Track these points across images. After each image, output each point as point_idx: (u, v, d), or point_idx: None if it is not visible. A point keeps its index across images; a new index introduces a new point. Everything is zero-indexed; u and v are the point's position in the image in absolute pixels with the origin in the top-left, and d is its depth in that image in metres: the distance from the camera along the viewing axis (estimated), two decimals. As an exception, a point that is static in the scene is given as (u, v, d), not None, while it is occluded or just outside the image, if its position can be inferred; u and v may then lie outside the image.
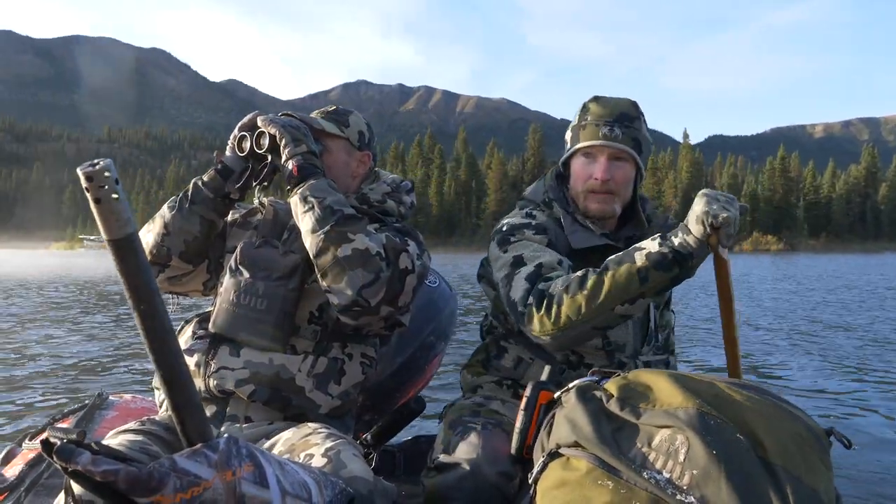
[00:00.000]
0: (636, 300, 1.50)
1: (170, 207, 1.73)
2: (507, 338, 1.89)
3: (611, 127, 1.78)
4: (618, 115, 1.79)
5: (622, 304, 1.50)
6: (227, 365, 1.60)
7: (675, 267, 1.47)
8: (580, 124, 1.82)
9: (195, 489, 0.90)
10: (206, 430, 0.97)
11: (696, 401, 1.18)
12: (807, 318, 10.41)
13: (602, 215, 1.83)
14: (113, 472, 0.85)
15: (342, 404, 1.67)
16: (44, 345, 7.14)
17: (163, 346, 0.90)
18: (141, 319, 0.88)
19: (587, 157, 1.81)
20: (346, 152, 1.80)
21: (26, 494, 1.74)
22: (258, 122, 1.66)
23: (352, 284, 1.50)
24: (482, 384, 1.90)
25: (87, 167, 0.82)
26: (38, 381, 5.13)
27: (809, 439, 1.17)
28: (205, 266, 1.78)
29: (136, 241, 0.86)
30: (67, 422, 2.14)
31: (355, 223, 1.55)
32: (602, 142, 1.78)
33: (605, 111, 1.79)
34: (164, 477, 0.88)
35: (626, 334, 1.80)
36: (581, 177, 1.82)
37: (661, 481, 1.09)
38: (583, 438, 1.21)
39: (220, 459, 0.94)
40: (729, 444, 1.11)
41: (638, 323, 1.83)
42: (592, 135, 1.79)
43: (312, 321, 1.67)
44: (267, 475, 0.98)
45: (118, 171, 0.82)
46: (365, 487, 1.26)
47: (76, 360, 6.22)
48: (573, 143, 1.84)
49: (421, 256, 1.63)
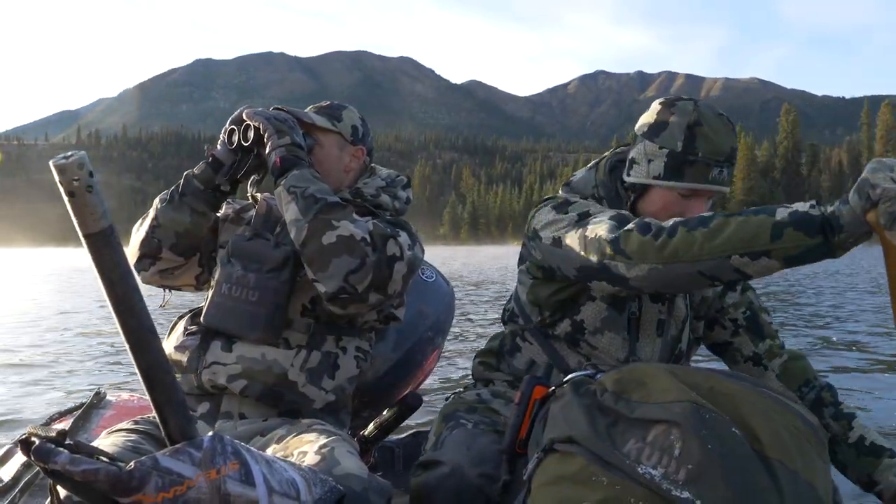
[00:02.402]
0: (759, 256, 1.26)
1: (161, 200, 1.73)
2: (524, 335, 1.79)
3: (721, 168, 1.57)
4: (729, 154, 1.57)
5: (742, 254, 1.27)
6: (219, 360, 1.59)
7: (817, 234, 1.21)
8: (686, 156, 1.56)
9: (178, 488, 0.89)
10: (190, 429, 0.95)
11: (690, 394, 1.17)
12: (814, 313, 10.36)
13: None
14: (93, 472, 0.84)
15: (336, 399, 1.66)
16: (42, 344, 7.15)
17: (141, 343, 0.88)
18: (119, 316, 0.87)
19: (685, 195, 1.59)
20: (338, 147, 1.79)
21: (21, 495, 1.74)
22: (244, 115, 1.65)
23: (338, 271, 1.49)
24: (495, 380, 1.85)
25: (60, 160, 0.80)
26: (36, 381, 5.13)
27: (806, 432, 1.16)
28: (196, 259, 1.77)
29: (112, 235, 0.85)
30: (64, 421, 2.14)
31: (339, 210, 1.53)
32: (711, 187, 1.57)
33: (717, 147, 1.56)
34: (145, 476, 0.87)
35: (651, 351, 1.70)
36: (667, 209, 1.61)
37: (656, 476, 1.08)
38: (577, 433, 1.20)
39: (203, 458, 0.93)
40: (724, 439, 1.10)
41: (668, 341, 1.73)
42: (701, 176, 1.56)
43: (305, 314, 1.66)
44: (253, 473, 0.96)
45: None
46: (359, 485, 1.25)
47: (75, 358, 6.22)
48: (673, 174, 1.58)
49: (413, 247, 1.61)
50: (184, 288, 1.83)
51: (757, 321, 1.79)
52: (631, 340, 1.68)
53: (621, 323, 1.67)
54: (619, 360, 1.67)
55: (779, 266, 1.27)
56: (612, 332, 1.67)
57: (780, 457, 1.09)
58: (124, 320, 0.87)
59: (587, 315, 1.68)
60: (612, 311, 1.67)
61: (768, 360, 1.76)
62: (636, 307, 1.68)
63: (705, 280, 1.34)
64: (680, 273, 1.34)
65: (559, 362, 1.72)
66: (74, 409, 2.21)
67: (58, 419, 2.19)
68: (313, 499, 1.05)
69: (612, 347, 1.68)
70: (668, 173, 1.58)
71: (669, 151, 1.57)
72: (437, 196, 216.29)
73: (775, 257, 1.25)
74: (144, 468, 0.87)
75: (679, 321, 1.75)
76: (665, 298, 1.71)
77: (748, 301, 1.81)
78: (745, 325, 1.78)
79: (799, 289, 14.78)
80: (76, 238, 0.84)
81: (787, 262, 1.26)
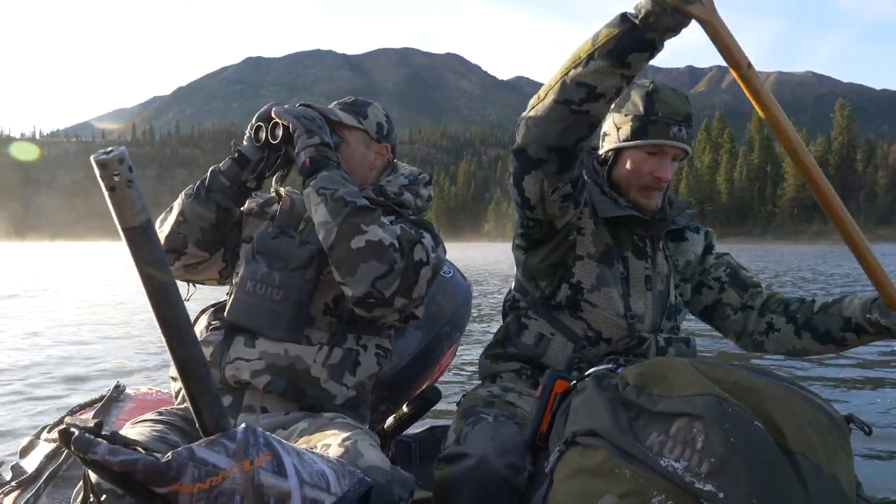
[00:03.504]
0: (588, 62, 1.44)
1: (187, 195, 1.74)
2: (528, 313, 1.88)
3: (680, 127, 1.75)
4: (685, 115, 1.76)
5: (575, 67, 1.46)
6: (242, 356, 1.61)
7: (623, 23, 1.40)
8: (648, 117, 1.75)
9: (213, 479, 0.90)
10: (223, 420, 0.97)
11: (713, 388, 1.18)
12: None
13: (648, 209, 1.84)
14: (131, 462, 0.86)
15: (357, 395, 1.67)
16: (62, 336, 7.20)
17: (178, 335, 0.90)
18: (156, 309, 0.88)
19: (651, 153, 1.78)
20: (363, 144, 1.79)
21: (45, 486, 1.75)
22: (273, 113, 1.66)
23: (365, 276, 1.50)
24: (501, 372, 1.89)
25: (101, 155, 0.82)
26: (55, 374, 5.17)
27: (829, 426, 1.16)
28: (220, 254, 1.79)
29: (151, 229, 0.86)
30: (85, 413, 2.15)
31: (368, 214, 1.54)
32: (673, 142, 1.75)
33: (674, 108, 1.75)
34: (182, 467, 0.88)
35: (643, 305, 1.82)
36: (640, 171, 1.80)
37: (678, 469, 1.09)
38: (599, 427, 1.21)
39: (238, 449, 0.94)
40: (747, 432, 1.10)
41: (658, 296, 1.85)
42: (663, 133, 1.75)
43: (328, 312, 1.67)
44: (285, 464, 0.98)
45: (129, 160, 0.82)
46: (382, 477, 1.26)
47: (93, 352, 6.27)
48: (639, 134, 1.77)
49: (436, 249, 1.62)
50: (207, 282, 1.84)
51: (738, 275, 1.98)
52: (624, 296, 1.81)
53: (614, 277, 1.81)
54: (618, 315, 1.78)
55: (607, 65, 1.43)
56: (608, 287, 1.79)
57: (804, 451, 1.09)
58: (161, 312, 0.88)
59: (582, 274, 1.81)
60: (603, 267, 1.81)
61: (752, 302, 1.93)
62: (623, 266, 1.83)
63: (563, 107, 1.50)
64: (542, 111, 1.54)
65: (565, 331, 1.81)
66: (95, 402, 2.22)
67: (78, 411, 2.20)
68: (343, 490, 1.06)
69: (611, 302, 1.79)
70: (633, 135, 1.78)
71: (633, 115, 1.77)
72: (482, 193, 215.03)
73: (599, 56, 1.42)
74: (181, 459, 0.89)
75: (663, 276, 1.89)
76: (647, 255, 1.86)
77: (726, 262, 2.00)
78: (728, 280, 1.97)
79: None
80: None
81: (609, 56, 1.42)
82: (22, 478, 1.82)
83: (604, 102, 1.49)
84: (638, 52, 1.41)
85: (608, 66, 1.43)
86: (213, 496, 0.91)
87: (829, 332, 1.77)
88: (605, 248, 1.82)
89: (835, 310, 1.77)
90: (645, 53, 1.42)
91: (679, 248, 1.98)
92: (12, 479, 1.85)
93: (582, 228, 1.83)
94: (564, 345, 1.80)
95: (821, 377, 5.05)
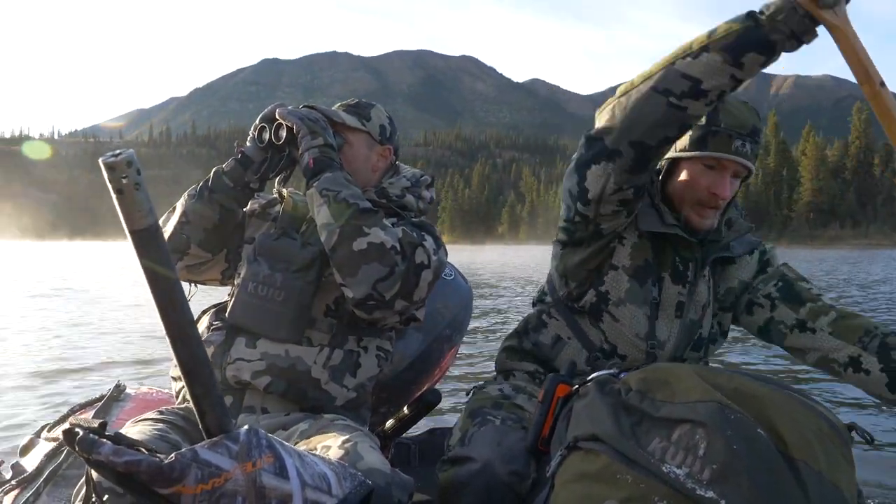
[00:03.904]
0: (699, 54, 1.36)
1: (189, 195, 1.74)
2: (550, 311, 1.85)
3: (744, 142, 1.63)
4: (751, 129, 1.64)
5: (684, 57, 1.38)
6: (243, 356, 1.61)
7: (748, 19, 1.32)
8: (710, 127, 1.64)
9: (216, 480, 0.91)
10: (226, 422, 0.97)
11: (715, 394, 1.18)
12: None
13: (702, 228, 1.73)
14: (135, 463, 0.86)
15: (357, 397, 1.67)
16: (61, 335, 7.20)
17: (183, 336, 0.90)
18: (161, 310, 0.88)
19: (710, 167, 1.67)
20: (366, 146, 1.79)
21: (45, 485, 1.75)
22: (276, 114, 1.66)
23: (367, 278, 1.50)
24: (515, 370, 1.88)
25: (109, 157, 0.82)
26: (55, 372, 5.18)
27: (831, 434, 1.16)
28: (223, 255, 1.79)
29: (158, 231, 0.86)
30: (86, 413, 2.16)
31: (371, 217, 1.54)
32: (734, 157, 1.63)
33: (739, 120, 1.64)
34: (185, 468, 0.89)
35: (668, 332, 1.74)
36: (696, 185, 1.68)
37: (680, 475, 1.08)
38: (601, 432, 1.21)
39: (240, 451, 0.94)
40: (749, 439, 1.10)
41: (687, 325, 1.76)
42: (724, 146, 1.63)
43: (328, 314, 1.68)
44: (287, 466, 0.98)
45: (138, 163, 0.82)
46: (382, 479, 1.26)
47: (93, 350, 6.27)
48: (698, 144, 1.66)
49: (437, 252, 1.63)
50: (209, 282, 1.85)
51: (792, 289, 1.77)
52: (651, 319, 1.73)
53: (643, 298, 1.73)
54: (638, 337, 1.72)
55: (720, 61, 1.35)
56: (634, 306, 1.73)
57: (805, 458, 1.09)
58: (166, 314, 0.89)
59: (611, 285, 1.74)
60: (634, 283, 1.73)
61: (813, 321, 1.70)
62: (657, 288, 1.74)
63: (661, 97, 1.42)
64: (635, 99, 1.45)
65: (582, 338, 1.78)
66: (95, 401, 2.23)
67: (79, 411, 2.20)
68: (344, 493, 1.06)
69: (633, 321, 1.72)
70: (692, 145, 1.67)
71: (695, 124, 1.61)
72: (496, 195, 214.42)
73: (713, 49, 1.35)
74: (185, 460, 0.89)
75: (699, 306, 1.78)
76: (686, 280, 1.75)
77: (780, 274, 1.80)
78: (780, 295, 1.76)
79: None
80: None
81: (725, 51, 1.34)
82: (22, 476, 1.82)
83: (704, 103, 1.41)
84: (756, 52, 1.33)
85: (721, 61, 1.35)
86: (215, 497, 0.91)
87: None
88: (642, 264, 1.73)
89: None
90: (762, 56, 1.34)
91: (725, 273, 1.84)
92: (12, 477, 1.85)
93: (624, 238, 1.74)
94: (579, 351, 1.78)
95: (823, 384, 5.03)
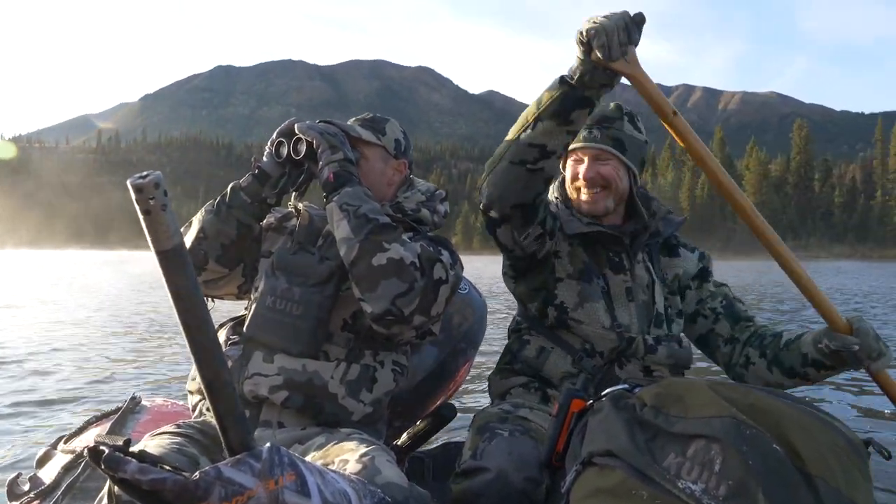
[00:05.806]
0: (536, 124, 1.57)
1: (207, 211, 1.75)
2: (529, 332, 1.97)
3: (589, 130, 1.90)
4: (597, 119, 1.90)
5: (524, 130, 1.59)
6: (260, 371, 1.62)
7: (562, 85, 1.53)
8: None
9: (239, 498, 0.92)
10: (249, 440, 0.98)
11: (730, 409, 1.18)
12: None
13: (594, 212, 1.94)
14: (161, 481, 0.87)
15: (374, 412, 1.68)
16: (76, 347, 7.23)
17: (208, 355, 0.91)
18: (187, 329, 0.90)
19: (575, 160, 1.95)
20: (382, 160, 1.81)
21: (63, 497, 1.76)
22: (296, 128, 1.67)
23: (386, 293, 1.51)
24: (510, 388, 1.93)
25: (137, 179, 0.84)
26: (71, 384, 5.19)
27: (848, 450, 1.16)
28: (240, 270, 1.80)
29: (184, 251, 0.88)
30: (101, 425, 2.17)
31: (390, 232, 1.55)
32: (583, 143, 1.90)
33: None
34: (209, 486, 0.90)
35: (628, 316, 1.89)
36: (570, 177, 1.97)
37: (696, 492, 1.08)
38: (616, 447, 1.21)
39: (263, 468, 0.95)
40: (765, 455, 1.10)
41: (641, 306, 1.92)
42: (577, 139, 1.90)
43: (346, 328, 1.68)
44: (308, 484, 0.99)
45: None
46: (400, 494, 1.27)
47: (109, 363, 6.29)
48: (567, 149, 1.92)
49: (454, 266, 1.64)
50: (226, 297, 1.86)
51: (733, 308, 2.03)
52: (609, 309, 1.89)
53: (595, 292, 1.89)
54: (606, 328, 1.86)
55: (553, 125, 1.56)
56: (591, 302, 1.88)
57: (822, 474, 1.09)
58: (191, 333, 0.90)
59: (564, 295, 1.90)
60: (583, 284, 1.90)
61: (740, 335, 1.99)
62: (603, 281, 1.92)
63: (519, 167, 1.63)
64: (500, 174, 1.66)
65: (562, 345, 1.90)
66: (111, 414, 2.24)
67: (94, 423, 2.21)
68: (363, 509, 1.07)
69: (595, 317, 1.87)
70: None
71: None
72: (451, 206, 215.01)
73: (545, 118, 1.56)
74: (209, 478, 0.90)
75: (644, 286, 1.95)
76: (624, 268, 1.94)
77: (724, 293, 2.06)
78: (723, 311, 2.03)
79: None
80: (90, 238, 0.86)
81: (555, 117, 1.55)
82: (40, 489, 1.83)
83: (555, 158, 1.62)
84: (580, 108, 1.55)
85: (555, 124, 1.56)
86: (238, 515, 0.92)
87: (793, 367, 1.84)
88: (582, 266, 1.92)
89: (794, 346, 1.84)
90: (586, 109, 1.56)
91: (670, 262, 2.07)
92: (30, 489, 1.86)
93: (558, 252, 1.94)
94: (563, 357, 1.88)
95: (840, 400, 4.99)
